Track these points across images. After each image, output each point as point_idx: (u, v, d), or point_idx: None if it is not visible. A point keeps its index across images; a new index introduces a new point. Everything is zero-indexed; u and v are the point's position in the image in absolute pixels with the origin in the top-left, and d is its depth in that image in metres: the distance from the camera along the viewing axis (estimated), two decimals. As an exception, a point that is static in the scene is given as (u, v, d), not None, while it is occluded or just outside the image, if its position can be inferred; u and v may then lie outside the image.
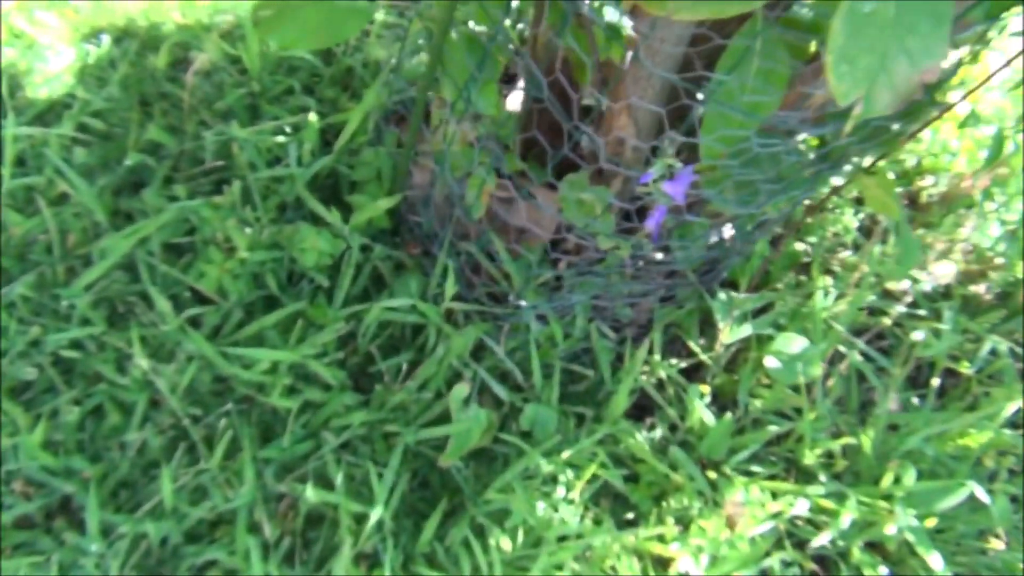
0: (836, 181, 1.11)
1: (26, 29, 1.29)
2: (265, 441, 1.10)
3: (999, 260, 1.41)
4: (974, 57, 0.99)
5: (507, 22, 1.07)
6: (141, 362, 1.07)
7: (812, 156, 0.93)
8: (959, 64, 0.91)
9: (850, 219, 1.46)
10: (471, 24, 1.05)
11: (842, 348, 1.28)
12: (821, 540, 1.11)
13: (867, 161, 1.02)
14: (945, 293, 1.42)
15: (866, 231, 1.48)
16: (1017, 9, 0.81)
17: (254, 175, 1.19)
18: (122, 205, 1.19)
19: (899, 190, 1.56)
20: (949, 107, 0.91)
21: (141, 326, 1.11)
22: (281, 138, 1.24)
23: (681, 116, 1.05)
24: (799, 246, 1.43)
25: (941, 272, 1.44)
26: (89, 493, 1.00)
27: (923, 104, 0.89)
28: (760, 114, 0.86)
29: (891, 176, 1.53)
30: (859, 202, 1.51)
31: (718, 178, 0.92)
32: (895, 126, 0.92)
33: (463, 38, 1.01)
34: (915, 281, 1.42)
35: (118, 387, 1.08)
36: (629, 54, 0.86)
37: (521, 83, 1.26)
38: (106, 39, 1.31)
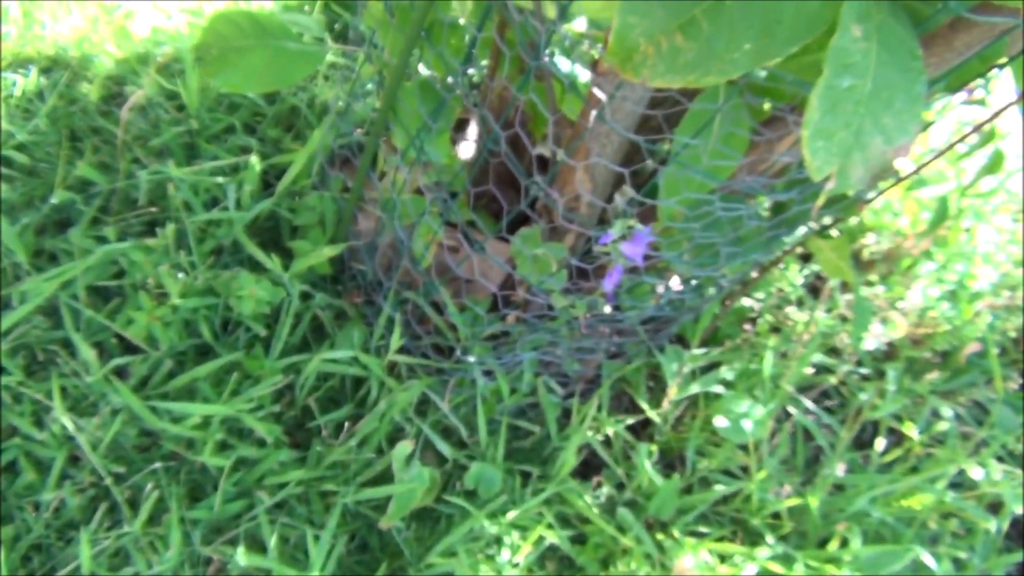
0: (788, 241, 1.10)
1: (-52, 56, 1.22)
2: (194, 501, 1.03)
3: (940, 320, 1.43)
4: (924, 126, 1.00)
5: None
6: (60, 416, 1.00)
7: (770, 219, 0.92)
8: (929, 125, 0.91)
9: (795, 275, 1.46)
10: (424, 70, 1.02)
11: (789, 406, 1.28)
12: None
13: (822, 223, 1.01)
14: (888, 353, 1.43)
15: (811, 287, 1.48)
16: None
17: (190, 217, 1.13)
18: (46, 245, 1.12)
19: (841, 246, 1.57)
20: (907, 176, 0.91)
21: (62, 376, 1.04)
22: (220, 179, 1.18)
23: (637, 174, 1.04)
24: (746, 302, 1.42)
25: (885, 332, 1.45)
26: (-2, 559, 0.93)
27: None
28: (720, 177, 0.85)
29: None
30: (805, 259, 1.51)
31: (677, 240, 0.91)
32: (851, 192, 0.91)
33: (418, 85, 0.98)
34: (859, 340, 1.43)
35: (34, 442, 1.01)
36: (593, 113, 0.84)
37: (473, 132, 1.23)
38: (34, 69, 1.25)
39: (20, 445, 1.01)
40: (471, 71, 1.33)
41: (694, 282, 1.02)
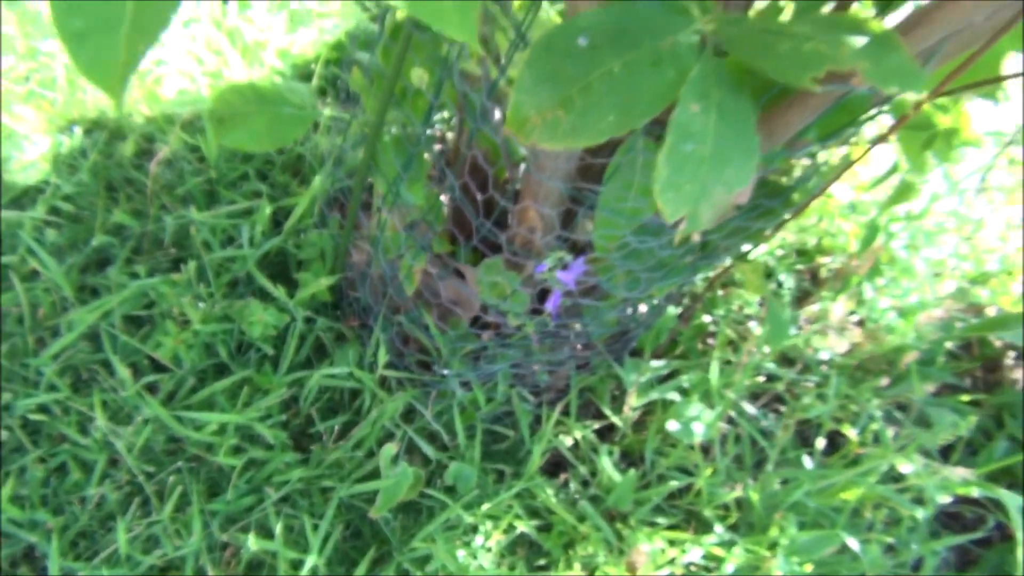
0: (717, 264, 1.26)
1: (5, 121, 1.43)
2: (212, 495, 1.22)
3: (884, 332, 1.57)
4: (847, 164, 1.15)
5: (434, 125, 1.22)
6: (101, 424, 1.19)
7: (691, 249, 1.09)
8: (815, 169, 1.07)
9: (752, 295, 1.62)
10: (404, 127, 1.20)
11: (742, 410, 1.43)
12: (705, 582, 1.25)
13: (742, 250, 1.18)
14: (834, 362, 1.58)
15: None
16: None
17: (209, 255, 1.32)
18: (88, 281, 1.33)
19: (801, 267, 1.72)
20: (803, 206, 1.07)
21: (102, 391, 1.23)
22: (235, 221, 1.38)
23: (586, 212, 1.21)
24: (707, 318, 1.58)
25: (835, 343, 1.60)
26: (51, 543, 1.12)
27: (777, 210, 1.05)
28: (639, 217, 1.02)
29: (785, 254, 1.70)
30: (767, 277, 1.67)
31: (607, 267, 1.07)
32: (758, 226, 1.08)
33: (392, 140, 1.16)
34: (816, 350, 1.58)
35: (80, 447, 1.20)
36: (522, 167, 1.02)
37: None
38: (78, 130, 1.46)
39: (68, 450, 1.20)
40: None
41: (629, 303, 1.19)
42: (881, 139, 0.99)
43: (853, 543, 1.26)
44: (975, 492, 1.29)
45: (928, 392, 1.59)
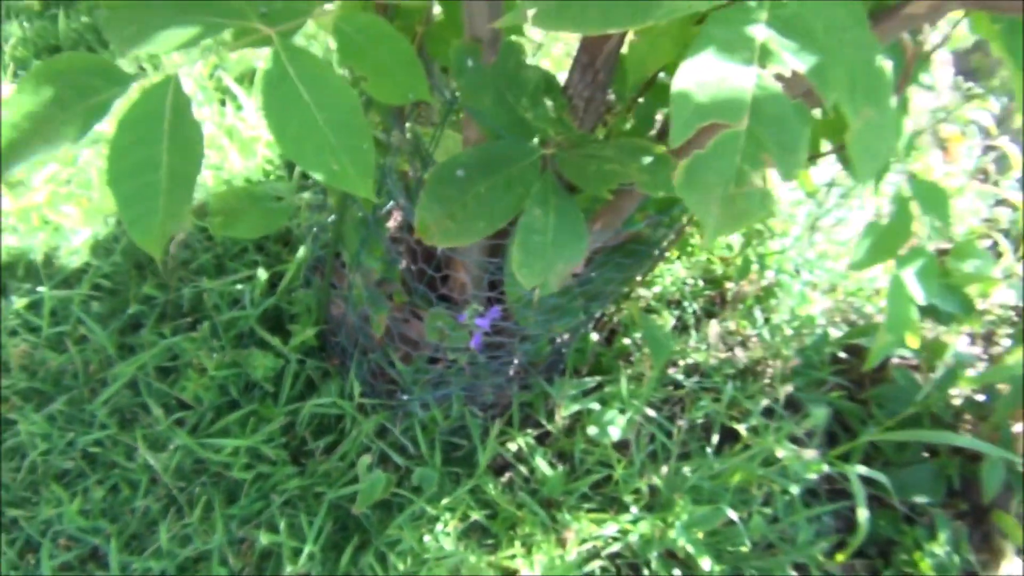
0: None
1: (54, 217, 1.81)
2: (230, 502, 1.58)
3: (769, 342, 1.92)
4: (677, 236, 1.50)
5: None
6: (143, 453, 1.55)
7: (577, 295, 1.45)
8: (665, 235, 1.43)
9: (668, 319, 1.97)
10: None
11: (652, 413, 1.78)
12: (614, 548, 1.60)
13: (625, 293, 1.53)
14: (735, 371, 1.92)
15: (678, 328, 1.99)
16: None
17: (219, 315, 1.69)
18: (126, 341, 1.69)
19: (711, 292, 2.07)
20: (655, 262, 1.43)
21: (142, 427, 1.59)
22: (239, 286, 1.74)
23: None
24: (627, 341, 1.93)
25: (737, 355, 1.95)
26: (111, 544, 1.48)
27: (635, 265, 1.40)
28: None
29: (695, 283, 2.05)
30: (676, 304, 2.02)
31: (518, 311, 1.43)
32: (625, 276, 1.43)
33: (353, 223, 1.53)
34: (718, 361, 1.93)
35: (128, 471, 1.57)
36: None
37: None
38: (111, 220, 1.83)
39: (119, 473, 1.57)
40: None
41: (536, 337, 1.54)
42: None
43: (733, 515, 1.61)
44: (826, 468, 1.64)
45: (819, 391, 1.93)
